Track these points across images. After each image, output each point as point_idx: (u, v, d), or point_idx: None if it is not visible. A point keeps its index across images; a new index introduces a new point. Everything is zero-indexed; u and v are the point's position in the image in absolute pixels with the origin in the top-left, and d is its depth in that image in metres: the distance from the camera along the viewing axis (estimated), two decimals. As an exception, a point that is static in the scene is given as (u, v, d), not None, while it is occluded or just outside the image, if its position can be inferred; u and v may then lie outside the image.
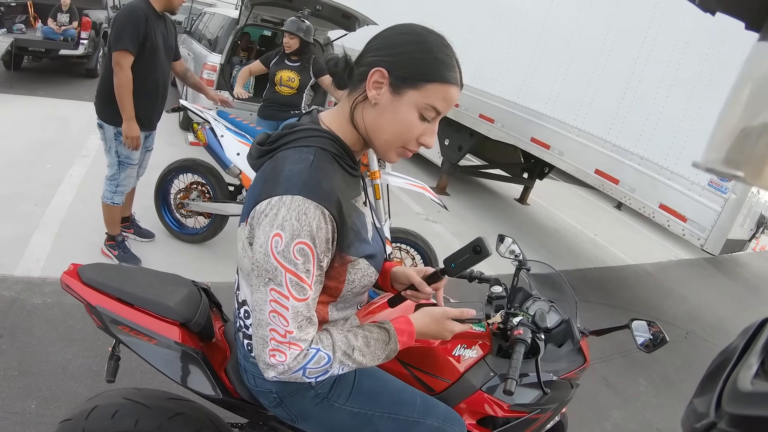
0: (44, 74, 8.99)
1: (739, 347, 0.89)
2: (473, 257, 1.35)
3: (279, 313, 1.09)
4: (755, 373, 0.77)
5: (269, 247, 1.06)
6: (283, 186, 1.07)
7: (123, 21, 3.09)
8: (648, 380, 4.04)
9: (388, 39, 1.15)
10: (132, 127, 3.23)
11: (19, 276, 3.20)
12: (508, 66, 6.61)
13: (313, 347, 1.15)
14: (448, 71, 1.14)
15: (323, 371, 1.17)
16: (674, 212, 4.60)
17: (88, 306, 1.45)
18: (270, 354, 1.12)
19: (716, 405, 0.77)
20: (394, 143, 1.18)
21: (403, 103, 1.13)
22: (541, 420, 1.79)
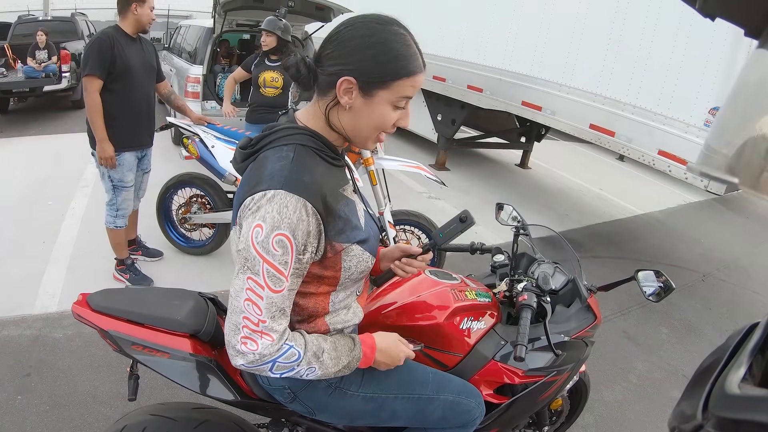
0: (32, 113, 9.04)
1: (727, 351, 0.90)
2: (460, 226, 1.43)
3: (253, 302, 1.11)
4: (743, 377, 0.77)
5: (250, 237, 1.09)
6: (265, 183, 1.11)
7: (89, 48, 3.17)
8: (669, 327, 4.04)
9: (347, 44, 1.15)
10: (104, 147, 3.27)
11: (37, 314, 3.26)
12: (489, 34, 6.58)
13: (287, 343, 1.17)
14: (412, 63, 1.16)
15: (290, 368, 1.19)
16: (674, 157, 4.57)
17: (101, 332, 1.49)
18: (241, 341, 1.14)
19: (703, 407, 0.78)
20: (372, 135, 1.22)
21: (375, 103, 1.16)
22: (559, 381, 1.81)
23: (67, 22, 10.47)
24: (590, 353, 1.96)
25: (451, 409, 1.51)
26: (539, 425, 2.28)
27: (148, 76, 3.46)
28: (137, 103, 3.39)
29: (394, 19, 1.19)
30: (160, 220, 4.13)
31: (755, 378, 0.81)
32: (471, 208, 4.81)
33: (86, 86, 3.17)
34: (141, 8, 3.24)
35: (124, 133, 3.34)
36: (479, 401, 1.58)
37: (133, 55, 3.29)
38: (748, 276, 5.44)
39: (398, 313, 1.64)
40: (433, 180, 3.83)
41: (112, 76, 3.20)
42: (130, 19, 3.27)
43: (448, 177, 7.13)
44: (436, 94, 7.73)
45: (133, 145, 3.44)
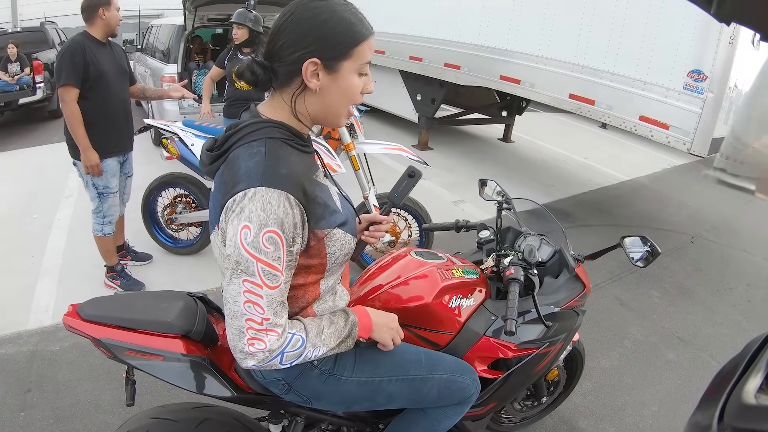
0: (10, 127, 8.89)
1: (743, 361, 0.90)
2: (411, 181, 1.52)
3: (254, 302, 1.12)
4: (759, 387, 0.77)
5: (239, 240, 1.08)
6: (243, 182, 1.10)
7: (61, 58, 3.12)
8: (661, 291, 4.09)
9: (298, 30, 1.15)
10: (89, 156, 3.24)
11: (32, 329, 3.24)
12: (463, 10, 6.55)
13: (288, 332, 1.19)
14: (365, 26, 1.19)
15: (298, 355, 1.22)
16: (655, 122, 4.59)
17: (94, 341, 1.49)
18: (249, 343, 1.15)
19: (719, 418, 0.77)
20: (344, 110, 1.24)
21: (342, 76, 1.18)
22: (553, 352, 1.83)
23: (37, 32, 10.28)
24: (582, 322, 1.98)
25: (446, 387, 1.53)
26: (537, 396, 2.31)
27: (121, 80, 3.43)
28: (114, 108, 3.36)
29: None
30: (146, 223, 4.11)
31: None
32: (456, 185, 4.83)
33: (63, 96, 3.13)
34: (108, 11, 3.19)
35: (104, 140, 3.31)
36: (474, 378, 1.60)
37: (105, 60, 3.25)
38: (737, 235, 5.51)
39: (386, 296, 1.65)
40: (416, 160, 3.82)
41: (87, 84, 3.16)
42: (99, 24, 3.22)
43: (431, 156, 7.15)
44: (414, 75, 7.71)
45: (114, 152, 3.41)
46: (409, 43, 7.52)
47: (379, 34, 6.24)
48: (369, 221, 1.56)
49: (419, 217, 3.79)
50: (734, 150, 0.82)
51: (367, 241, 1.55)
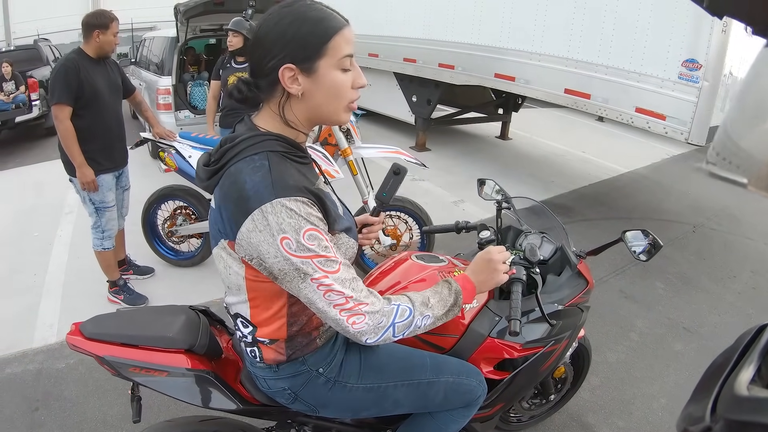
0: (7, 146, 8.89)
1: (736, 353, 0.90)
2: (396, 179, 1.50)
3: (330, 290, 1.14)
4: (752, 379, 0.78)
5: (285, 252, 1.10)
6: (255, 199, 1.10)
7: (55, 76, 3.15)
8: (665, 282, 4.08)
9: (267, 39, 1.15)
10: (85, 173, 3.26)
11: (37, 347, 3.23)
12: (455, 9, 6.55)
13: (393, 303, 1.24)
14: (332, 20, 1.15)
15: (408, 324, 1.25)
16: (652, 113, 4.58)
17: (97, 358, 1.49)
18: (351, 323, 1.18)
19: (712, 409, 0.78)
20: (339, 105, 1.21)
21: (322, 75, 1.15)
22: (558, 350, 1.82)
23: (31, 49, 10.30)
24: (587, 318, 1.97)
25: (452, 390, 1.53)
26: (545, 394, 2.30)
27: (115, 96, 3.44)
28: (108, 125, 3.37)
29: None
30: (147, 236, 4.10)
31: (764, 379, 0.82)
32: (456, 185, 4.82)
33: (56, 114, 3.14)
34: (104, 36, 3.22)
35: (99, 156, 3.32)
36: (480, 379, 1.59)
37: (98, 77, 3.27)
38: (739, 222, 5.49)
39: None
40: (413, 162, 3.82)
41: (80, 102, 3.17)
42: (93, 45, 3.24)
43: (429, 157, 7.14)
44: (409, 76, 7.71)
45: (109, 167, 3.42)
46: (402, 45, 7.51)
47: (372, 37, 6.31)
48: (361, 223, 1.58)
49: (420, 219, 3.78)
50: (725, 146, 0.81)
51: (361, 243, 1.55)
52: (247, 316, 1.31)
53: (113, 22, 3.26)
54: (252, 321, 1.31)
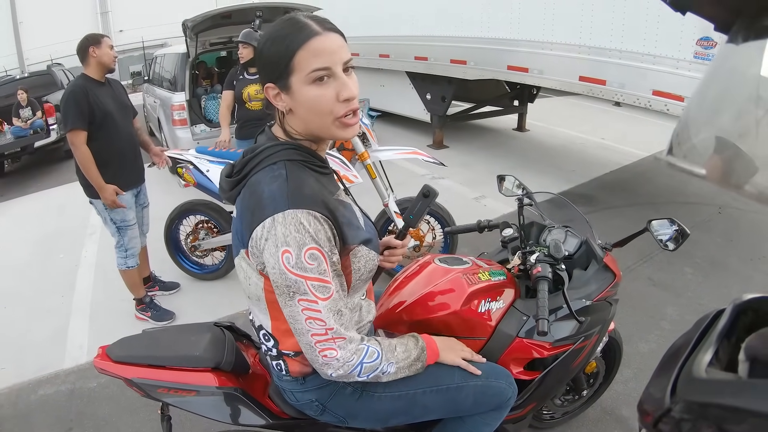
0: (28, 171, 9.07)
1: (695, 336, 0.93)
2: (425, 202, 1.45)
3: (314, 318, 1.14)
4: (709, 362, 0.80)
5: (282, 265, 1.10)
6: (270, 207, 1.10)
7: (65, 103, 3.18)
8: (693, 267, 3.99)
9: (257, 55, 1.20)
10: (107, 193, 3.30)
11: (69, 367, 3.28)
12: (462, 4, 6.52)
13: (364, 343, 1.23)
14: (300, 34, 1.12)
15: (375, 368, 1.25)
16: (669, 95, 4.49)
17: (126, 381, 1.50)
18: (321, 354, 1.18)
19: (671, 391, 0.80)
20: (325, 121, 1.17)
21: (297, 91, 1.14)
22: (589, 346, 1.79)
23: (45, 75, 10.46)
24: (616, 311, 1.93)
25: (482, 393, 1.50)
26: (577, 390, 2.27)
27: (125, 115, 3.48)
28: (122, 145, 3.41)
29: (290, 15, 1.18)
30: (170, 252, 4.14)
31: (721, 362, 0.85)
32: (476, 181, 4.79)
33: (72, 141, 3.19)
34: (99, 49, 3.24)
35: (116, 176, 3.35)
36: (510, 381, 1.56)
37: (106, 99, 3.31)
38: (765, 202, 5.34)
39: (413, 307, 1.62)
40: (431, 162, 3.80)
41: (93, 125, 3.21)
42: (93, 64, 3.28)
43: (447, 154, 7.11)
44: (422, 75, 7.68)
45: (127, 186, 3.46)
46: (412, 44, 7.49)
47: (382, 37, 6.31)
48: (384, 245, 1.54)
49: (442, 219, 3.75)
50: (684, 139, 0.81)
51: (383, 266, 1.53)
52: (269, 329, 1.32)
53: (104, 38, 3.31)
54: (273, 333, 1.32)
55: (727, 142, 0.74)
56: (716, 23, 0.84)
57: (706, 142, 0.78)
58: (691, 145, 0.80)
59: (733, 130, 0.72)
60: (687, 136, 0.83)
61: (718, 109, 0.77)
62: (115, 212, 3.40)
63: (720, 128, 0.75)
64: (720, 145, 0.75)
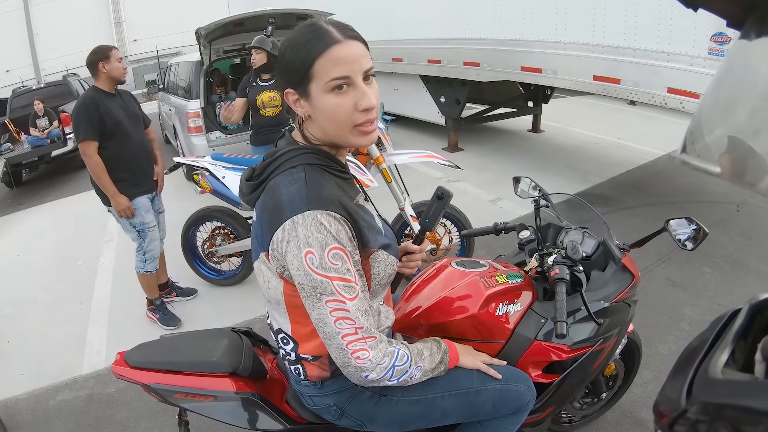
0: (46, 180, 9.20)
1: (711, 337, 0.92)
2: (440, 204, 1.44)
3: (342, 318, 1.14)
4: (726, 363, 0.79)
5: (306, 267, 1.09)
6: (289, 209, 1.11)
7: (76, 115, 3.25)
8: (712, 266, 3.94)
9: (278, 60, 1.19)
10: (119, 201, 3.36)
11: (87, 373, 3.32)
12: (474, 6, 6.50)
13: (394, 346, 1.24)
14: (320, 42, 1.11)
15: (405, 371, 1.25)
16: (684, 92, 4.44)
17: (144, 386, 1.51)
18: (354, 357, 1.17)
19: (687, 392, 0.79)
20: (343, 129, 1.16)
21: (316, 99, 1.14)
22: (608, 348, 1.77)
23: (61, 85, 10.59)
24: (635, 312, 1.91)
25: (500, 397, 1.49)
26: (596, 393, 2.25)
27: (136, 124, 3.53)
28: (134, 153, 3.46)
29: (310, 21, 1.17)
30: (187, 258, 4.17)
31: (738, 363, 0.83)
32: (491, 183, 4.78)
33: (84, 151, 3.25)
34: (108, 64, 3.30)
35: (130, 183, 3.42)
36: (528, 384, 1.55)
37: (117, 109, 3.36)
38: (785, 198, 5.28)
39: (431, 311, 1.62)
40: (446, 165, 3.79)
41: (105, 135, 3.27)
42: (103, 77, 3.34)
43: (463, 157, 7.10)
44: (435, 78, 7.68)
45: (141, 192, 3.52)
46: (425, 47, 7.49)
47: (395, 41, 6.32)
48: (402, 251, 1.53)
49: (458, 222, 3.75)
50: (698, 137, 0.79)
51: (402, 271, 1.52)
52: (288, 332, 1.32)
53: (112, 50, 3.35)
54: (293, 336, 1.31)
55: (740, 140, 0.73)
56: (729, 19, 0.83)
57: (720, 140, 0.77)
58: (704, 143, 0.80)
59: (747, 128, 0.71)
60: (700, 134, 0.82)
61: (731, 107, 0.76)
62: (134, 217, 3.45)
63: (733, 126, 0.75)
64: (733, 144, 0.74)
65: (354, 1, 8.55)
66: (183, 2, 25.75)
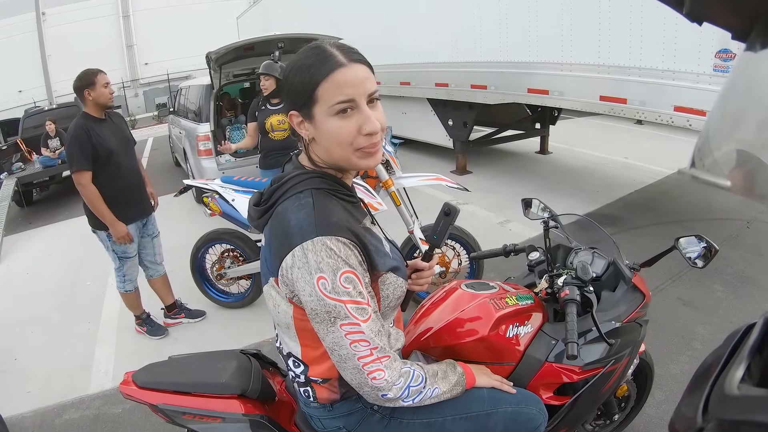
0: (56, 199, 9.29)
1: (725, 352, 0.90)
2: (447, 220, 1.42)
3: (357, 340, 1.14)
4: (742, 378, 0.77)
5: (319, 292, 1.10)
6: (298, 236, 1.11)
7: (69, 145, 3.30)
8: (723, 284, 3.90)
9: (284, 82, 1.21)
10: (118, 229, 3.41)
11: (94, 393, 3.33)
12: (480, 30, 6.55)
13: (409, 366, 1.24)
14: (325, 65, 1.12)
15: (419, 391, 1.25)
16: (691, 110, 4.44)
17: (151, 407, 1.51)
18: (371, 378, 1.17)
19: (703, 410, 0.77)
20: (346, 152, 1.16)
21: (320, 121, 1.14)
22: (619, 369, 1.75)
23: (72, 106, 10.69)
24: (646, 332, 1.89)
25: (512, 420, 1.47)
26: (608, 415, 2.22)
27: (127, 149, 3.58)
28: (127, 179, 3.51)
29: (315, 43, 1.19)
30: (196, 280, 4.18)
31: (754, 378, 0.81)
32: (500, 205, 4.78)
33: (78, 181, 3.30)
34: (93, 91, 3.33)
35: (122, 210, 3.46)
36: (540, 407, 1.53)
37: (109, 136, 3.40)
38: (794, 214, 5.23)
39: (441, 333, 1.61)
40: (455, 188, 3.80)
41: (97, 164, 3.32)
42: (90, 104, 3.37)
43: (471, 179, 7.11)
44: (443, 101, 7.73)
45: (134, 219, 3.58)
46: (433, 71, 7.57)
47: (402, 65, 6.38)
48: (412, 268, 1.53)
49: (467, 244, 3.74)
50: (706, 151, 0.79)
51: (411, 288, 1.51)
52: (299, 355, 1.31)
53: (98, 75, 3.35)
54: (303, 359, 1.31)
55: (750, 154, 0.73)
56: (733, 32, 0.83)
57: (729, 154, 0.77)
58: (713, 158, 0.79)
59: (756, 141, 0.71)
60: (709, 149, 0.82)
61: (738, 120, 0.76)
62: (117, 243, 3.50)
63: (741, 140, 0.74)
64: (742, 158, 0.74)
65: (362, 26, 8.67)
66: (194, 27, 26.29)
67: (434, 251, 1.50)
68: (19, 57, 25.31)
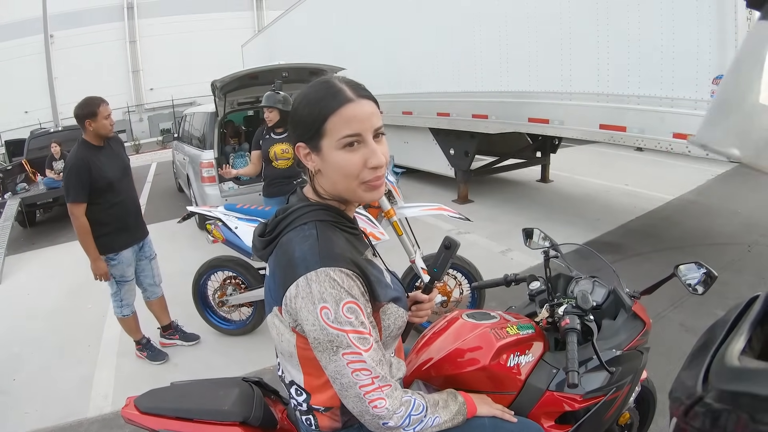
0: (59, 221, 9.28)
1: (727, 324, 0.91)
2: (447, 253, 1.47)
3: (359, 369, 1.15)
4: (743, 350, 0.79)
5: (322, 322, 1.11)
6: (302, 266, 1.13)
7: (68, 177, 3.35)
8: (726, 309, 3.83)
9: (291, 114, 1.23)
10: (98, 266, 3.47)
11: (92, 416, 3.31)
12: (481, 60, 6.66)
13: (410, 396, 1.24)
14: (334, 100, 1.16)
15: (420, 420, 1.25)
16: (690, 136, 4.48)
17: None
18: (372, 406, 1.17)
19: (703, 380, 0.79)
20: (351, 184, 1.20)
21: (327, 154, 1.18)
22: (621, 397, 1.74)
23: (77, 129, 10.79)
24: (648, 359, 1.90)
25: None
26: (611, 444, 2.20)
27: (124, 175, 3.63)
28: (124, 206, 3.56)
29: (325, 77, 1.23)
30: (198, 307, 4.18)
31: (755, 350, 0.83)
32: (502, 234, 4.79)
33: (72, 212, 3.35)
34: (95, 123, 3.38)
35: (118, 236, 3.52)
36: (541, 436, 1.53)
37: (108, 165, 3.45)
38: (796, 236, 5.23)
39: (442, 363, 1.61)
40: (456, 217, 3.81)
41: (95, 193, 3.37)
42: (90, 134, 3.42)
43: (473, 208, 7.14)
44: (444, 130, 7.80)
45: (129, 244, 3.62)
46: (434, 100, 7.65)
47: (404, 95, 6.46)
48: (412, 301, 1.55)
49: (469, 274, 3.74)
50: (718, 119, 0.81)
51: (411, 320, 1.53)
52: (301, 383, 1.32)
53: (100, 106, 3.38)
54: (305, 388, 1.31)
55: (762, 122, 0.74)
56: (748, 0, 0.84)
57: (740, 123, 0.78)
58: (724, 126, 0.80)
59: None
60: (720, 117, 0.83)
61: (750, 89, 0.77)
62: (115, 268, 3.55)
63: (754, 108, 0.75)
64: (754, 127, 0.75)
65: (364, 56, 8.80)
66: (199, 54, 26.59)
67: (434, 284, 1.52)
68: (27, 78, 25.63)
